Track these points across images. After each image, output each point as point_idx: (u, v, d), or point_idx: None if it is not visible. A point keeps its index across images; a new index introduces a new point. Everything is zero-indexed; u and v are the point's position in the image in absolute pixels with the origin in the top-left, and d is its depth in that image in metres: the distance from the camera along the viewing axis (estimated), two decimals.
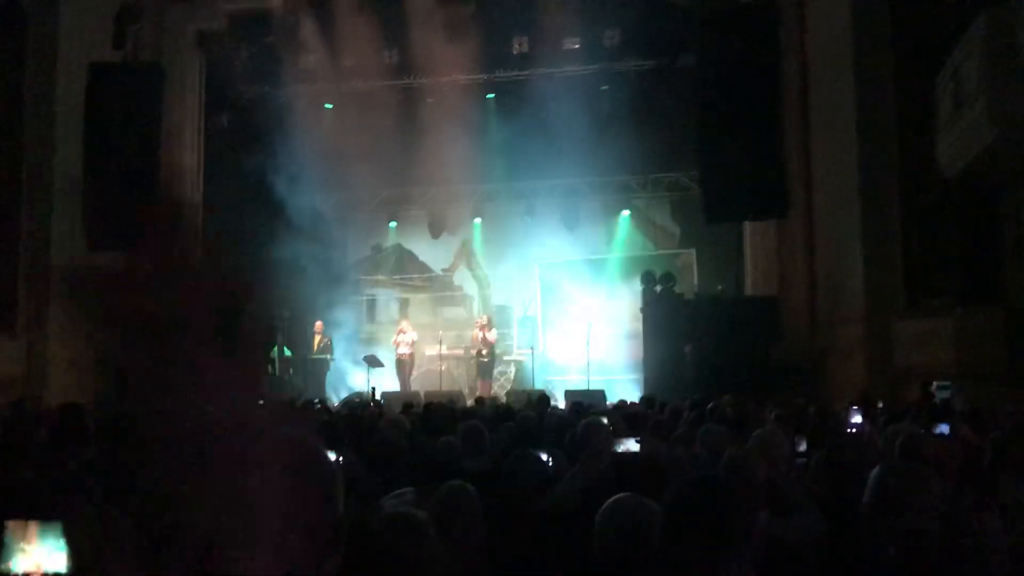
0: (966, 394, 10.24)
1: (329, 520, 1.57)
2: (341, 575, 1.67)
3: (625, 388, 15.58)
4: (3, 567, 1.38)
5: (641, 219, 20.47)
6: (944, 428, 4.86)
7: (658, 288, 15.29)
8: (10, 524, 1.39)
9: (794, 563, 2.53)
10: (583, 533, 2.42)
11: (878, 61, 13.54)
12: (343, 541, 1.60)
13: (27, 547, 1.40)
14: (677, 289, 15.68)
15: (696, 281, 18.21)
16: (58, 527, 1.35)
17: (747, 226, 16.55)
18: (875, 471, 2.35)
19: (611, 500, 2.44)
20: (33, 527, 1.38)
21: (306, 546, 1.52)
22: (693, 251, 18.84)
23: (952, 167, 11.22)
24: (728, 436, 5.03)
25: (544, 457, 4.93)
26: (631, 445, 3.47)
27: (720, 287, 16.52)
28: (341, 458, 4.87)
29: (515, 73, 18.85)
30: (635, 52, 18.38)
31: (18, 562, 1.40)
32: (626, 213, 20.17)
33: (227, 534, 1.53)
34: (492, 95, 19.31)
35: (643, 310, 15.21)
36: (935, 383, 11.39)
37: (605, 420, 4.83)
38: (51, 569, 1.40)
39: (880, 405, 9.77)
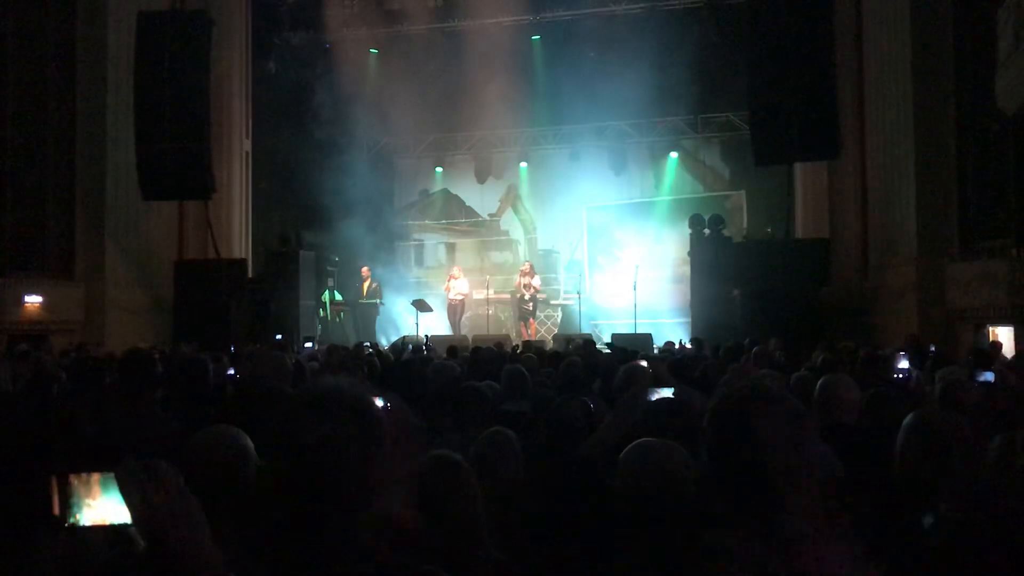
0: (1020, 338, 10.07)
1: (378, 466, 1.61)
2: None
3: (672, 332, 15.57)
4: (71, 521, 1.40)
5: (690, 161, 20.22)
6: (989, 376, 4.80)
7: (706, 231, 15.15)
8: (73, 478, 1.40)
9: None
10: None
11: None
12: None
13: (92, 502, 1.43)
14: (726, 232, 15.51)
15: (746, 223, 18.03)
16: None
17: (798, 167, 16.25)
18: (907, 419, 2.36)
19: (634, 444, 2.47)
20: (96, 480, 1.39)
21: (355, 491, 1.58)
22: (743, 193, 18.61)
23: (1011, 105, 10.86)
24: (783, 382, 5.00)
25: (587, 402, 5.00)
26: (666, 393, 3.50)
27: (770, 229, 16.32)
28: (388, 404, 4.98)
29: (560, 13, 18.56)
30: None
31: (84, 516, 1.41)
32: (674, 155, 19.93)
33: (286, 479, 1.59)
34: (537, 37, 19.07)
35: (691, 253, 15.11)
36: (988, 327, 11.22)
37: (645, 364, 4.86)
38: (117, 521, 1.44)
39: (932, 348, 9.63)
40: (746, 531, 1.76)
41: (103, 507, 1.41)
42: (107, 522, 1.42)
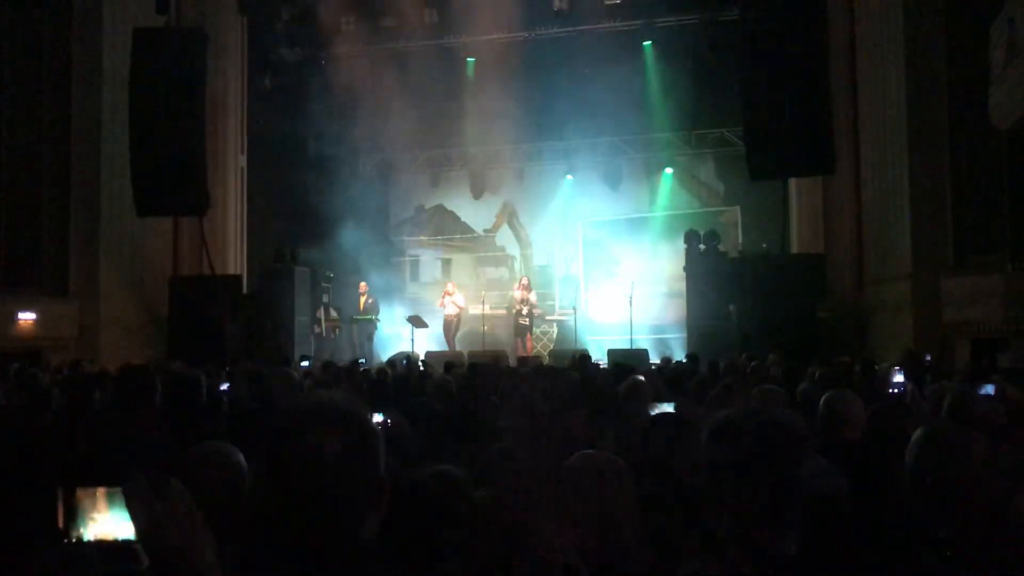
0: (1014, 353, 10.07)
1: (371, 480, 1.59)
2: (384, 532, 1.70)
3: (668, 348, 15.57)
4: (76, 534, 1.37)
5: (685, 176, 20.26)
6: (990, 389, 4.79)
7: (702, 246, 15.16)
8: (79, 492, 1.38)
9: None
10: None
11: (929, 10, 13.18)
12: (386, 501, 1.62)
13: (97, 516, 1.40)
14: (721, 247, 15.53)
15: (741, 239, 18.05)
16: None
17: (793, 183, 16.29)
18: (918, 432, 2.34)
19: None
20: (102, 495, 1.37)
21: (349, 506, 1.55)
22: (738, 208, 18.64)
23: (1005, 120, 10.92)
24: (784, 397, 5.00)
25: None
26: (666, 407, 3.48)
27: (765, 245, 16.33)
28: (388, 420, 4.94)
29: (556, 30, 18.63)
30: (678, 6, 18.07)
31: (89, 530, 1.38)
32: (669, 171, 19.96)
33: (279, 494, 1.57)
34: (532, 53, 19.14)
35: (687, 269, 15.12)
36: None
37: (643, 378, 4.85)
38: (121, 536, 1.41)
39: (928, 358, 9.65)
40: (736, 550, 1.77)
41: (108, 522, 1.38)
42: (111, 537, 1.38)
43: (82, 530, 1.37)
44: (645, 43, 18.61)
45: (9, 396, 6.31)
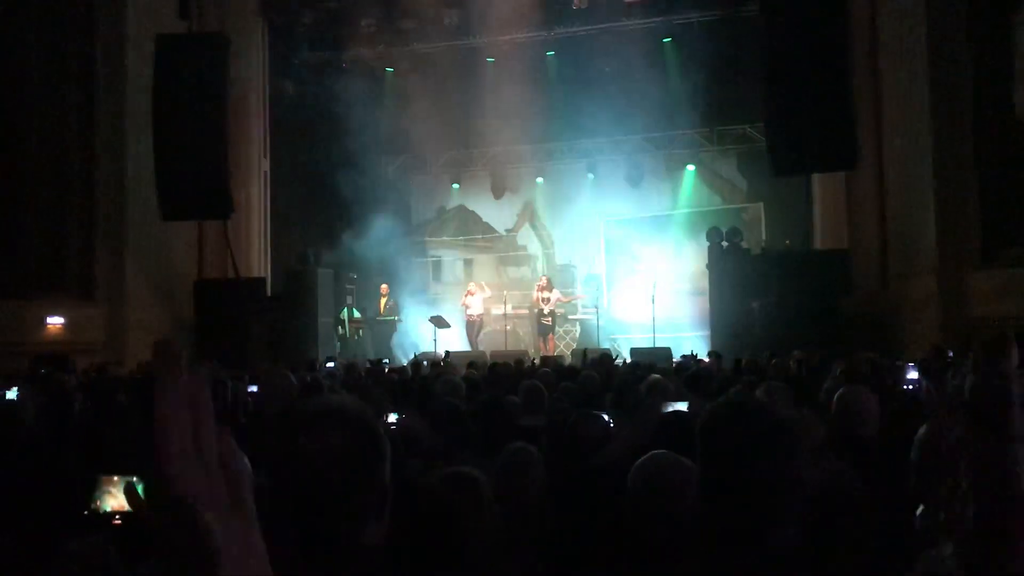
0: None
1: (375, 487, 1.59)
2: (393, 537, 1.70)
3: (692, 346, 15.49)
4: (94, 506, 1.73)
5: (707, 173, 20.17)
6: None
7: (725, 243, 15.10)
8: (103, 477, 1.67)
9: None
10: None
11: (952, 4, 13.05)
12: (389, 510, 1.61)
13: (113, 491, 1.70)
14: (744, 244, 15.46)
15: (764, 235, 17.94)
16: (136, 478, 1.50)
17: (816, 178, 16.20)
18: (922, 429, 2.33)
19: (645, 457, 2.47)
20: (119, 478, 1.68)
21: (349, 511, 1.55)
22: (761, 205, 18.54)
23: None
24: (790, 393, 4.98)
25: (605, 417, 4.99)
26: (680, 405, 3.47)
27: (788, 241, 16.25)
28: (406, 419, 4.97)
29: (575, 29, 18.61)
30: (698, 3, 17.99)
31: (106, 502, 1.71)
32: (691, 168, 19.88)
33: (283, 497, 1.58)
34: (552, 52, 19.14)
35: (709, 266, 15.06)
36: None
37: (660, 377, 4.85)
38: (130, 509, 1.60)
39: (950, 354, 9.55)
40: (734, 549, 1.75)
41: (121, 497, 1.75)
42: (124, 508, 1.75)
43: (99, 502, 1.84)
44: (665, 40, 18.54)
45: (35, 400, 6.41)
